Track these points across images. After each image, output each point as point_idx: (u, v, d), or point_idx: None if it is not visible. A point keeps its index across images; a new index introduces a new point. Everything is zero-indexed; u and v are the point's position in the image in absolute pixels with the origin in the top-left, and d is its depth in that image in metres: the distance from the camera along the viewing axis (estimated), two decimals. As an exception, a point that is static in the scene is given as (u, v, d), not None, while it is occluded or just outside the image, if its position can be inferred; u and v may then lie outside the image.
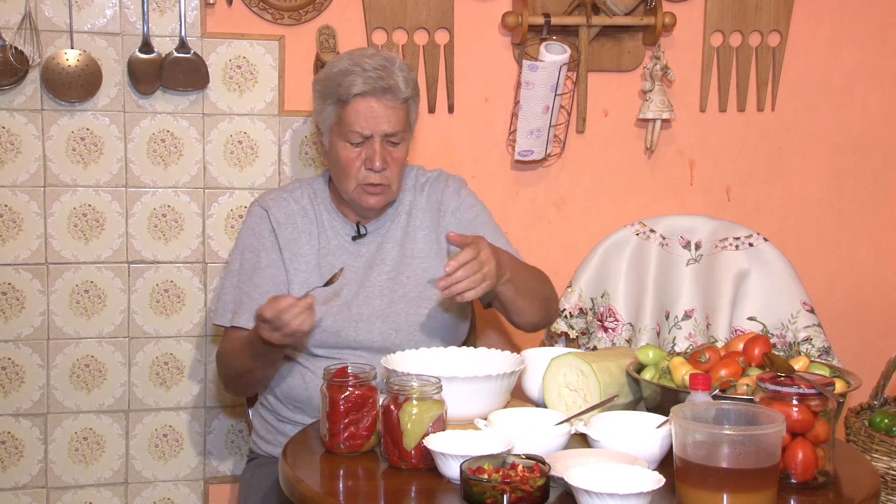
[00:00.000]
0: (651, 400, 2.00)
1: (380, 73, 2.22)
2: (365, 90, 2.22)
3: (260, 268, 2.30)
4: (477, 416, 1.93)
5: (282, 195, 2.38)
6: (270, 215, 2.34)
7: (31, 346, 2.68)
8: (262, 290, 2.27)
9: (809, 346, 2.75)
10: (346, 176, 2.28)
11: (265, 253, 2.32)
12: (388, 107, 2.24)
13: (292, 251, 2.32)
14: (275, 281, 2.29)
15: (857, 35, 3.04)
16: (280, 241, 2.32)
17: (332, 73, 2.27)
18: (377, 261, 2.34)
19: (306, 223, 2.35)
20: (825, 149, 3.07)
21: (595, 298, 2.84)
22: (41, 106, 2.62)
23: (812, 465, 1.73)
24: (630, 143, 2.97)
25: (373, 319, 2.28)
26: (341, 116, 2.25)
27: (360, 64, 2.24)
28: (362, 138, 2.24)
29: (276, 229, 2.33)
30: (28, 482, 2.72)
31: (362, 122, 2.23)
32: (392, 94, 2.23)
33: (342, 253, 2.34)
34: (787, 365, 1.85)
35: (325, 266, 2.31)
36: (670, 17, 2.82)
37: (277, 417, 2.35)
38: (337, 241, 2.35)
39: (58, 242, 2.67)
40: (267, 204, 2.36)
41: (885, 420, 2.62)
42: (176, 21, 2.64)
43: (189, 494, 2.81)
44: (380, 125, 2.24)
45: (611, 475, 1.63)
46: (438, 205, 2.41)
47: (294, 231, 2.34)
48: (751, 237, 2.83)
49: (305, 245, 2.33)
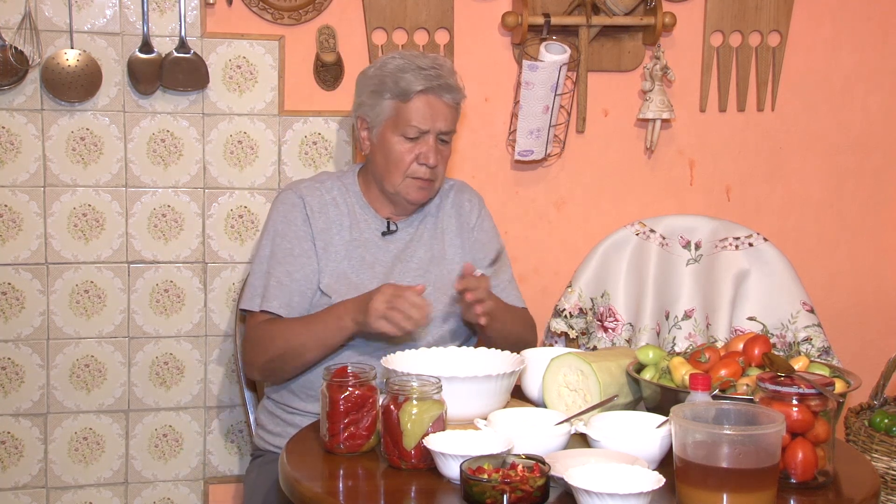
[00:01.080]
0: (651, 400, 2.00)
1: (438, 72, 2.31)
2: (427, 87, 2.29)
3: (293, 255, 2.32)
4: (477, 415, 1.93)
5: (314, 185, 2.41)
6: (306, 203, 2.36)
7: (31, 346, 2.68)
8: (295, 278, 2.30)
9: (809, 346, 2.75)
10: (396, 169, 2.33)
11: (297, 241, 2.34)
12: (447, 105, 2.32)
13: (324, 240, 2.35)
14: (306, 270, 2.32)
15: (857, 35, 3.04)
16: (314, 230, 2.35)
17: (388, 70, 2.33)
18: (405, 258, 2.38)
19: (338, 214, 2.38)
20: (825, 149, 3.07)
21: (595, 298, 2.84)
22: (41, 106, 2.62)
23: (812, 465, 1.73)
24: (630, 143, 2.97)
25: None
26: (400, 111, 2.31)
27: (414, 62, 2.32)
28: (419, 133, 2.31)
29: (311, 218, 2.35)
30: (28, 482, 2.72)
31: (422, 118, 2.30)
32: (451, 93, 2.33)
33: (372, 246, 2.37)
34: (786, 365, 1.85)
35: (356, 258, 2.35)
36: (670, 17, 2.82)
37: (287, 410, 2.35)
38: (368, 235, 2.38)
39: (58, 242, 2.67)
40: (301, 192, 2.38)
41: (885, 420, 2.62)
42: (176, 21, 2.64)
43: (189, 494, 2.81)
44: (437, 122, 2.31)
45: (611, 475, 1.63)
46: (459, 212, 2.48)
47: (326, 221, 2.36)
48: (751, 237, 2.83)
49: (336, 235, 2.36)
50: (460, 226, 2.47)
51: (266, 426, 2.41)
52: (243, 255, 2.76)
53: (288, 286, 2.30)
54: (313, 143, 2.77)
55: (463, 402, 1.93)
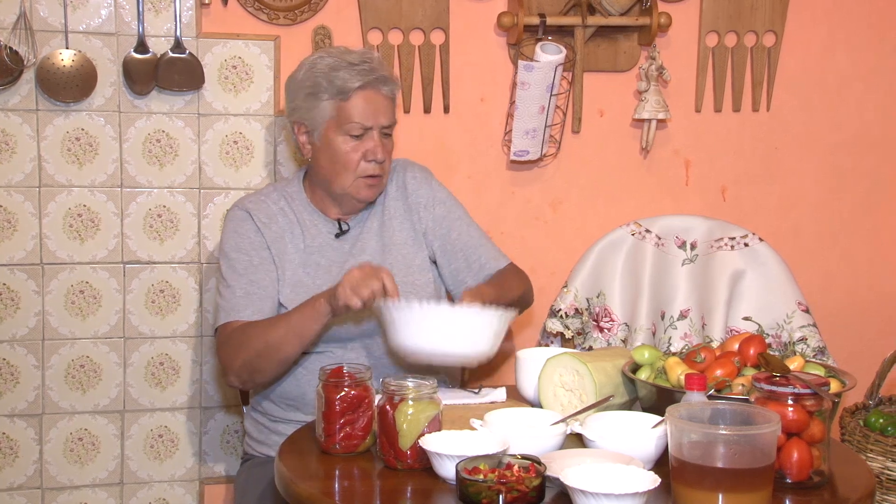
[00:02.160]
0: (646, 400, 2.00)
1: (371, 66, 2.29)
2: (364, 82, 2.27)
3: (252, 265, 2.31)
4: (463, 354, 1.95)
5: (258, 198, 2.40)
6: (253, 216, 2.35)
7: (26, 346, 2.68)
8: (262, 286, 2.28)
9: (805, 345, 2.75)
10: (345, 170, 2.30)
11: (255, 252, 2.32)
12: (386, 97, 2.31)
13: (279, 248, 2.33)
14: (270, 277, 2.30)
15: (853, 35, 3.05)
16: (267, 239, 2.33)
17: (319, 70, 2.30)
18: (355, 251, 2.36)
19: (288, 223, 2.36)
20: (820, 149, 3.08)
21: (591, 298, 2.84)
22: (36, 106, 2.62)
23: (807, 464, 1.73)
24: (626, 144, 2.97)
25: (359, 311, 2.24)
26: (341, 110, 2.28)
27: (345, 59, 2.29)
28: (363, 130, 2.28)
29: (262, 228, 2.34)
30: (23, 483, 2.71)
31: (364, 114, 2.27)
32: (388, 85, 2.31)
33: (327, 250, 2.35)
34: (782, 365, 1.85)
35: (311, 264, 2.33)
36: (666, 18, 2.83)
37: (270, 419, 2.35)
38: (321, 240, 2.36)
39: (53, 243, 2.66)
40: (246, 206, 2.38)
41: (880, 420, 2.62)
42: (171, 21, 2.64)
43: (184, 495, 2.80)
44: (379, 117, 2.29)
45: (606, 475, 1.63)
46: (405, 192, 2.43)
47: (278, 230, 2.35)
48: (746, 237, 2.83)
49: (289, 244, 2.34)
50: (408, 207, 2.42)
51: (252, 434, 2.41)
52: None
53: (256, 293, 2.27)
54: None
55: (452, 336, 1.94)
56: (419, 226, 2.42)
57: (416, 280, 2.34)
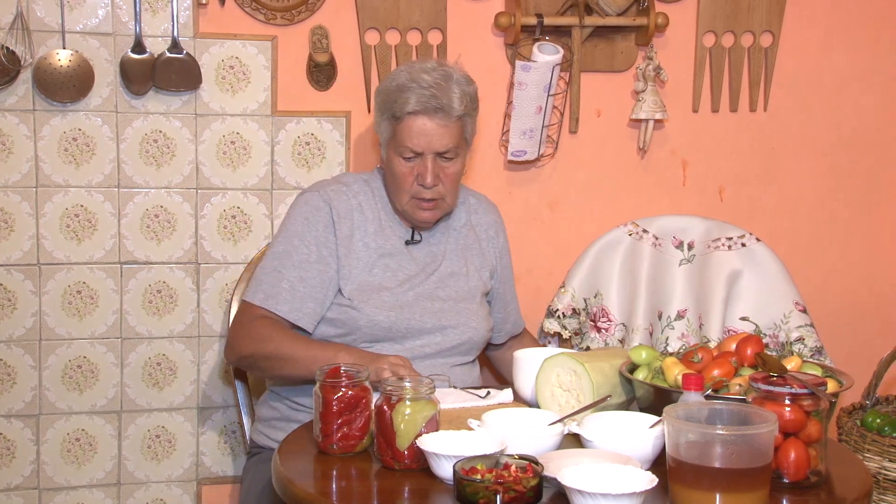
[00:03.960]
0: (644, 400, 2.00)
1: (433, 92, 2.26)
2: (417, 109, 2.26)
3: (309, 261, 2.30)
4: None
5: (341, 188, 2.38)
6: (333, 208, 2.33)
7: (23, 346, 2.68)
8: (310, 285, 2.28)
9: (802, 345, 2.75)
10: (400, 189, 2.32)
11: (317, 247, 2.31)
12: (441, 125, 2.28)
13: (347, 247, 2.33)
14: (323, 276, 2.30)
15: (850, 35, 3.05)
16: (337, 237, 2.32)
17: (390, 88, 2.32)
18: (429, 270, 2.38)
19: (363, 220, 2.36)
20: (818, 149, 3.08)
21: (588, 299, 2.84)
22: (33, 106, 2.61)
23: (804, 464, 1.73)
24: (623, 144, 2.97)
25: (425, 318, 2.32)
26: (396, 132, 2.30)
27: (416, 80, 2.28)
28: (414, 154, 2.29)
29: (336, 223, 2.33)
30: (20, 483, 2.71)
31: (414, 140, 2.28)
32: (444, 113, 2.27)
33: (397, 254, 2.36)
34: (779, 365, 1.85)
35: (381, 265, 2.34)
36: (663, 18, 2.83)
37: (291, 406, 2.34)
38: (393, 241, 2.37)
39: (50, 243, 2.66)
40: (329, 196, 2.35)
41: (877, 420, 2.62)
42: (168, 21, 2.64)
43: (182, 495, 2.80)
44: (431, 143, 2.28)
45: (604, 475, 1.63)
46: (480, 234, 2.50)
47: (350, 227, 2.34)
48: (743, 237, 2.83)
49: (360, 241, 2.34)
50: (488, 247, 2.51)
51: (266, 419, 2.40)
52: (236, 256, 2.76)
53: (301, 292, 2.27)
54: (306, 144, 2.76)
55: None
56: (488, 258, 2.49)
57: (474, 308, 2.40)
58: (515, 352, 2.23)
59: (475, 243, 2.48)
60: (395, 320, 2.29)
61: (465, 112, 2.31)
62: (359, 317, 2.28)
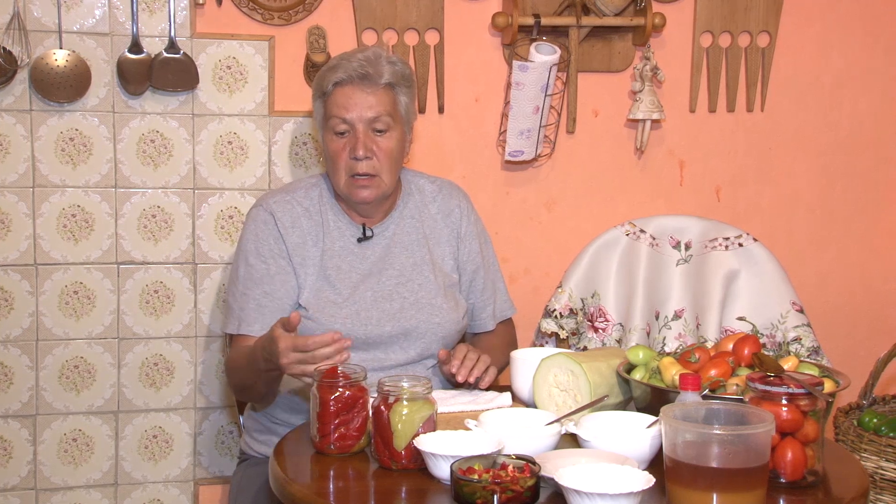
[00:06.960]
0: (641, 400, 2.00)
1: (361, 63, 2.25)
2: (343, 78, 2.25)
3: (269, 275, 2.27)
4: None
5: (285, 198, 2.34)
6: (277, 220, 2.30)
7: (20, 347, 2.67)
8: (275, 297, 2.25)
9: (799, 345, 2.75)
10: (336, 169, 2.27)
11: (273, 260, 2.28)
12: (368, 92, 2.24)
13: (300, 255, 2.29)
14: (286, 287, 2.26)
15: (847, 36, 3.05)
16: (288, 246, 2.29)
17: (321, 72, 2.31)
18: (384, 265, 2.32)
19: (311, 225, 2.31)
20: (815, 149, 3.08)
21: (585, 299, 2.84)
22: (30, 106, 2.61)
23: (801, 464, 1.73)
24: (620, 144, 2.97)
25: (383, 323, 2.26)
26: (325, 107, 2.28)
27: (347, 58, 2.28)
28: (345, 125, 2.25)
29: (283, 234, 2.29)
30: (17, 484, 2.71)
31: (341, 109, 2.24)
32: (370, 80, 2.24)
33: (348, 255, 2.31)
34: (776, 365, 1.85)
35: (331, 268, 2.28)
36: (660, 18, 2.83)
37: (271, 419, 2.34)
38: (342, 243, 2.32)
39: (47, 243, 2.66)
40: (272, 208, 2.32)
41: (874, 419, 2.63)
42: (165, 21, 2.64)
43: (179, 496, 2.80)
44: (359, 110, 2.24)
45: (601, 475, 1.63)
46: (448, 219, 2.42)
47: (300, 235, 2.30)
48: (740, 237, 2.84)
49: (312, 248, 2.30)
50: (451, 233, 2.42)
51: (251, 432, 2.39)
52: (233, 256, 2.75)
53: (269, 307, 2.24)
54: (303, 144, 2.76)
55: None
56: (458, 249, 2.42)
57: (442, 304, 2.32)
58: (513, 352, 2.23)
59: (434, 232, 2.39)
60: (351, 328, 2.22)
61: (395, 82, 2.27)
62: (315, 328, 2.21)
